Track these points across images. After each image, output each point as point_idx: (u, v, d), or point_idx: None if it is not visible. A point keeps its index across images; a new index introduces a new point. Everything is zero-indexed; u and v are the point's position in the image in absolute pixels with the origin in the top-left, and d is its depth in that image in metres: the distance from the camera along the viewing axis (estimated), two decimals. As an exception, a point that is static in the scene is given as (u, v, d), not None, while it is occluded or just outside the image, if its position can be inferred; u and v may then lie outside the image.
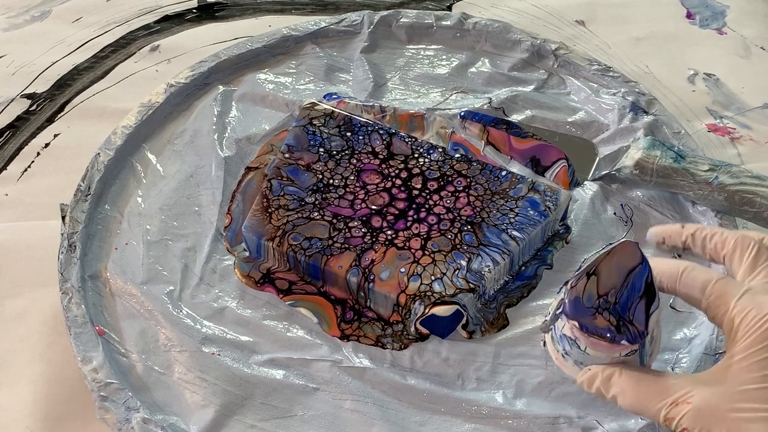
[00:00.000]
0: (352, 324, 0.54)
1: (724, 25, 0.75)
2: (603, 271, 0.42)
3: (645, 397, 0.41)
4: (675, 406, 0.40)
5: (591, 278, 0.42)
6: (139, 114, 0.63)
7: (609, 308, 0.41)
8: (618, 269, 0.41)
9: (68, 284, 0.54)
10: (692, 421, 0.39)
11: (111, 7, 0.76)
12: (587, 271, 0.42)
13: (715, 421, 0.39)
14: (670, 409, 0.40)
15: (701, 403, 0.39)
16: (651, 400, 0.41)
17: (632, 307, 0.41)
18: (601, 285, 0.41)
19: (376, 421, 0.50)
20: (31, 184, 0.63)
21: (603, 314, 0.41)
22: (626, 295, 0.41)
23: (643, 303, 0.41)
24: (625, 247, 0.42)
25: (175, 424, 0.49)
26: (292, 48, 0.70)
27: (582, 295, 0.41)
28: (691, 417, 0.39)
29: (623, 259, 0.42)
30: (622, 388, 0.42)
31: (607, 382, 0.42)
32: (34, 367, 0.53)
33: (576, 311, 0.41)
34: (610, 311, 0.41)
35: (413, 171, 0.58)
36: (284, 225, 0.55)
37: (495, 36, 0.69)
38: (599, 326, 0.41)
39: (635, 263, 0.41)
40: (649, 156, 0.58)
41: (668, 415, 0.40)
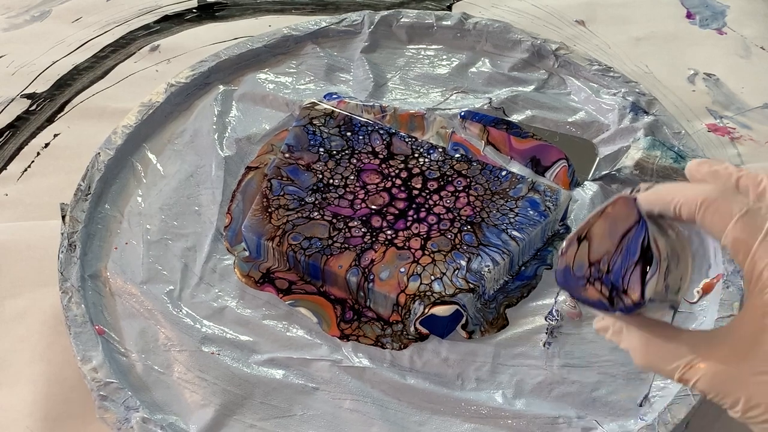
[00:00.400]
0: (352, 324, 0.54)
1: (724, 25, 0.75)
2: (595, 235, 0.38)
3: (656, 357, 0.37)
4: (689, 369, 0.36)
5: (582, 244, 0.38)
6: (139, 114, 0.63)
7: (601, 277, 0.37)
8: (611, 232, 0.38)
9: (68, 284, 0.54)
10: (708, 385, 0.35)
11: (111, 7, 0.76)
12: (578, 235, 0.38)
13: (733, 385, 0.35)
14: (684, 371, 0.36)
15: (718, 366, 0.35)
16: (662, 360, 0.37)
17: (627, 275, 0.37)
18: (593, 251, 0.38)
19: (375, 420, 0.50)
20: (31, 184, 0.63)
21: (594, 284, 0.37)
22: (620, 262, 0.37)
23: (639, 269, 0.37)
24: (620, 204, 0.38)
25: (175, 423, 0.49)
26: (293, 48, 0.70)
27: (572, 264, 0.38)
28: (707, 381, 0.35)
29: (618, 219, 0.38)
30: (632, 346, 0.38)
31: (618, 337, 0.39)
32: (34, 367, 0.53)
33: (566, 282, 0.38)
34: (602, 281, 0.37)
35: (413, 171, 0.58)
36: (284, 225, 0.55)
37: (495, 36, 0.69)
38: (590, 298, 0.38)
39: (630, 224, 0.37)
40: (649, 156, 0.58)
41: (682, 377, 0.36)
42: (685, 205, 0.37)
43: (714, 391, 0.35)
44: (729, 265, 0.54)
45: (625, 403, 0.51)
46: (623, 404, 0.51)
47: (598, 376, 0.52)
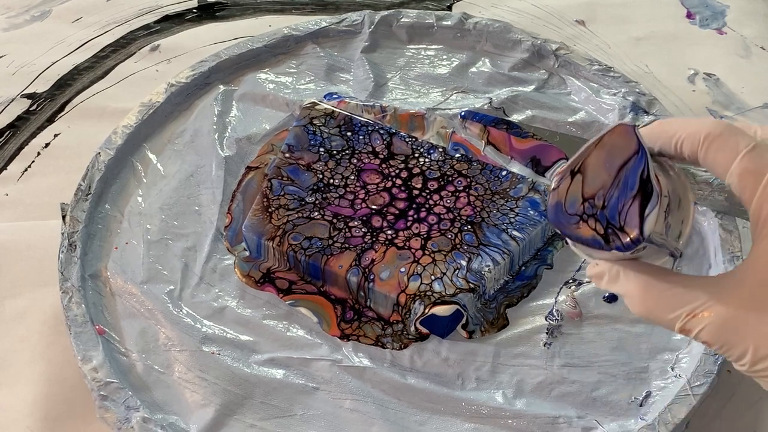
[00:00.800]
0: (352, 324, 0.54)
1: (724, 25, 0.75)
2: (590, 168, 0.35)
3: (655, 305, 0.35)
4: (692, 318, 0.34)
5: (575, 177, 0.35)
6: (139, 113, 0.63)
7: (595, 213, 0.34)
8: (608, 163, 0.35)
9: (68, 283, 0.54)
10: (714, 335, 0.33)
11: (111, 7, 0.76)
12: (572, 168, 0.35)
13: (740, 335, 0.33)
14: (685, 321, 0.34)
15: (724, 314, 0.33)
16: (662, 308, 0.34)
17: (624, 210, 0.34)
18: (587, 185, 0.35)
19: (375, 420, 0.50)
20: (31, 184, 0.63)
21: (588, 221, 0.34)
22: (617, 196, 0.34)
23: (638, 203, 0.34)
24: (618, 132, 0.35)
25: (175, 423, 0.49)
26: (293, 48, 0.70)
27: (564, 200, 0.35)
28: (712, 331, 0.33)
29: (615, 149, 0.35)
30: (629, 292, 0.35)
31: (615, 283, 0.36)
32: (34, 367, 0.53)
33: (557, 219, 0.35)
34: (596, 217, 0.34)
35: (413, 171, 0.58)
36: (284, 224, 0.55)
37: (495, 36, 0.69)
38: (583, 236, 0.35)
39: (629, 154, 0.34)
40: (649, 156, 0.58)
41: (684, 327, 0.34)
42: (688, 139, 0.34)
43: (719, 341, 0.33)
44: (729, 265, 0.54)
45: (626, 403, 0.51)
46: (623, 404, 0.51)
47: (598, 376, 0.52)
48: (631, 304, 0.36)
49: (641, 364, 0.52)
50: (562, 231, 0.35)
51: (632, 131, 0.35)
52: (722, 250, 0.55)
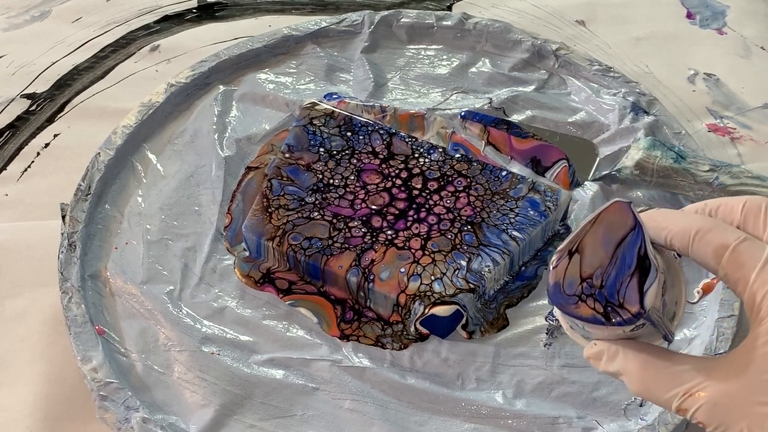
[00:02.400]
0: (352, 324, 0.54)
1: (724, 25, 0.75)
2: (587, 247, 0.35)
3: (653, 384, 0.36)
4: (688, 398, 0.34)
5: (573, 258, 0.36)
6: (139, 114, 0.63)
7: (594, 294, 0.35)
8: (605, 241, 0.35)
9: (68, 284, 0.54)
10: (708, 415, 0.34)
11: (111, 7, 0.76)
12: (569, 249, 0.36)
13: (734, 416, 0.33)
14: (682, 400, 0.35)
15: (718, 395, 0.34)
16: (660, 387, 0.35)
17: (622, 288, 0.35)
18: (585, 265, 0.35)
19: (375, 420, 0.50)
20: (31, 184, 0.63)
21: (587, 301, 0.35)
22: (614, 274, 0.35)
23: (636, 280, 0.34)
24: (615, 210, 0.35)
25: (175, 423, 0.49)
26: (293, 48, 0.70)
27: (563, 281, 0.36)
28: (706, 411, 0.34)
29: (612, 226, 0.35)
30: (627, 370, 0.36)
31: (612, 362, 0.37)
32: (34, 367, 0.53)
33: (557, 299, 0.36)
34: (595, 297, 0.35)
35: (413, 171, 0.58)
36: (284, 225, 0.55)
37: (495, 36, 0.69)
38: (582, 315, 0.35)
39: (625, 231, 0.35)
40: (649, 156, 0.58)
41: (680, 407, 0.35)
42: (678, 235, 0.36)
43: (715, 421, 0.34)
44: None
45: (625, 404, 0.51)
46: (623, 404, 0.51)
47: (598, 376, 0.52)
48: (629, 382, 0.36)
49: (641, 364, 0.52)
50: (561, 311, 0.36)
51: (628, 208, 0.35)
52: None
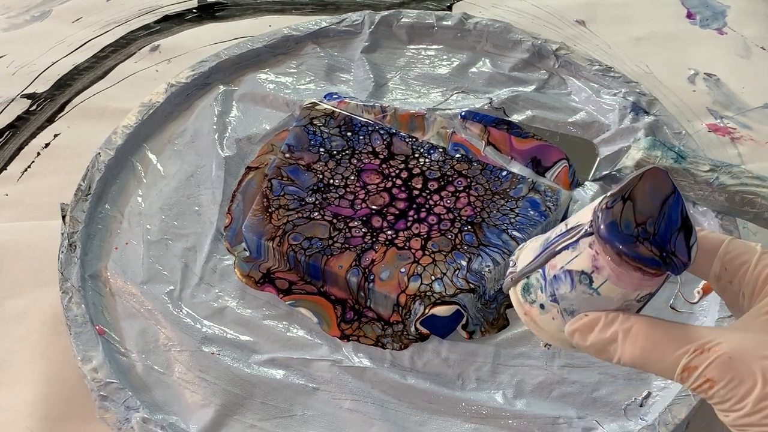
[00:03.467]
0: (352, 324, 0.54)
1: (724, 25, 0.75)
2: (638, 197, 0.36)
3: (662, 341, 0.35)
4: (699, 354, 0.34)
5: (626, 203, 0.36)
6: (139, 114, 0.63)
7: (649, 238, 0.36)
8: (652, 197, 0.36)
9: (68, 284, 0.54)
10: (721, 370, 0.33)
11: (111, 7, 0.76)
12: (621, 195, 0.36)
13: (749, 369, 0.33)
14: (692, 357, 0.34)
15: (733, 350, 0.33)
16: (669, 345, 0.34)
17: (672, 239, 0.36)
18: (638, 212, 0.36)
19: (375, 420, 0.50)
20: (31, 184, 0.63)
21: (644, 244, 0.35)
22: (664, 226, 0.36)
23: (683, 235, 0.36)
24: (656, 173, 0.37)
25: (175, 423, 0.49)
26: (293, 48, 0.70)
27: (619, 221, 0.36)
28: (720, 365, 0.33)
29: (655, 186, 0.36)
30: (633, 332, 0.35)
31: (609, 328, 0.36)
32: (34, 367, 0.53)
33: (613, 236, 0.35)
34: (651, 241, 0.36)
35: (414, 171, 0.58)
36: (284, 225, 0.55)
37: (496, 36, 0.69)
38: (643, 255, 0.35)
39: (668, 192, 0.36)
40: (649, 156, 0.58)
41: (690, 364, 0.34)
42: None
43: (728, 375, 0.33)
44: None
45: (626, 404, 0.51)
46: (624, 404, 0.51)
47: (598, 377, 0.52)
48: (632, 344, 0.35)
49: (641, 364, 0.52)
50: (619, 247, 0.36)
51: (666, 174, 0.37)
52: None
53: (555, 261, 0.38)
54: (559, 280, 0.37)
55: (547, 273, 0.38)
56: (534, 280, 0.38)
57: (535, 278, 0.38)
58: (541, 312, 0.38)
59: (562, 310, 0.38)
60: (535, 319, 0.39)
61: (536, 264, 0.38)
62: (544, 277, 0.38)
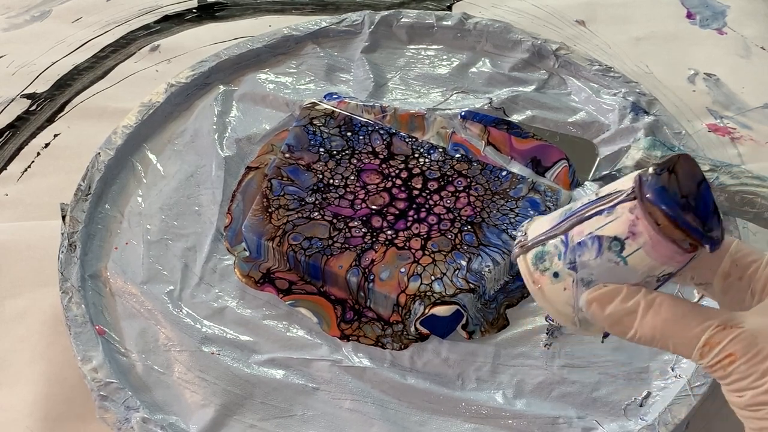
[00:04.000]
0: (352, 324, 0.54)
1: (724, 25, 0.75)
2: (681, 172, 0.36)
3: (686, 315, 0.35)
4: (722, 330, 0.34)
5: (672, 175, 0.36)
6: (139, 114, 0.63)
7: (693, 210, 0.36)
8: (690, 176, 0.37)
9: (68, 284, 0.54)
10: (746, 344, 0.33)
11: (111, 7, 0.76)
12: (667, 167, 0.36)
13: None
14: (716, 331, 0.34)
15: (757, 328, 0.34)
16: (692, 319, 0.34)
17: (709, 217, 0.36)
18: (682, 185, 0.36)
19: (375, 420, 0.50)
20: (31, 184, 0.63)
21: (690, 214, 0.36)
22: (702, 205, 0.36)
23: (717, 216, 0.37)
24: (688, 159, 0.37)
25: (175, 423, 0.49)
26: (293, 48, 0.70)
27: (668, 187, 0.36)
28: (745, 339, 0.33)
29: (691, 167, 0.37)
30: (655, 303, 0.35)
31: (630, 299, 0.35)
32: (34, 367, 0.53)
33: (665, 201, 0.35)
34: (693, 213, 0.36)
35: (413, 171, 0.58)
36: (284, 225, 0.55)
37: (496, 36, 0.69)
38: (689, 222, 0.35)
39: (700, 177, 0.37)
40: (649, 156, 0.58)
41: (712, 339, 0.34)
42: None
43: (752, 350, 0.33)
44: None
45: (626, 404, 0.51)
46: (623, 404, 0.51)
47: (598, 377, 0.52)
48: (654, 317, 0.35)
49: (641, 364, 0.52)
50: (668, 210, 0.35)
51: (696, 163, 0.37)
52: None
53: (583, 227, 0.37)
54: (584, 246, 0.37)
55: (571, 239, 0.37)
56: (551, 246, 0.38)
57: (554, 245, 0.37)
58: (553, 281, 0.37)
59: (579, 280, 0.37)
60: (544, 288, 0.38)
61: (559, 230, 0.38)
62: (565, 243, 0.37)
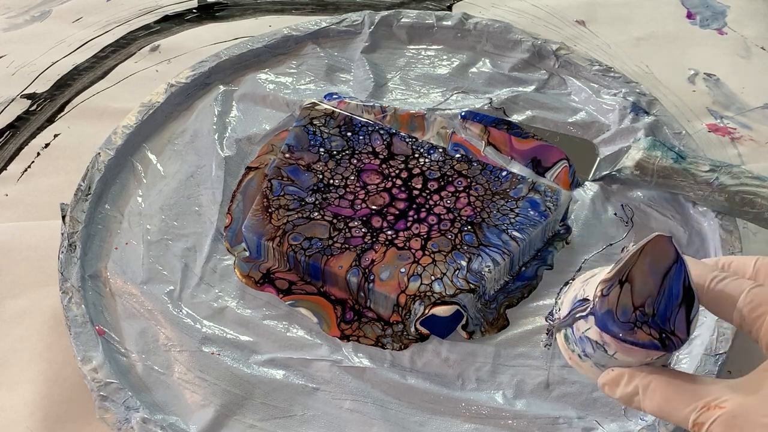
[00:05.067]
0: (352, 324, 0.54)
1: (724, 25, 0.75)
2: (637, 277, 0.37)
3: (674, 398, 0.37)
4: (706, 410, 0.36)
5: (624, 287, 0.38)
6: (139, 114, 0.63)
7: (648, 321, 0.37)
8: (653, 272, 0.37)
9: (68, 284, 0.54)
10: (724, 427, 0.35)
11: (111, 7, 0.76)
12: (619, 278, 0.38)
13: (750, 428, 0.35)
14: (700, 413, 0.36)
15: (736, 408, 0.36)
16: (680, 402, 0.37)
17: (672, 316, 0.37)
18: (636, 294, 0.37)
19: (375, 421, 0.50)
20: (31, 184, 0.63)
21: (642, 328, 0.37)
22: (664, 304, 0.37)
23: (684, 310, 0.37)
24: (658, 243, 0.37)
25: (175, 423, 0.49)
26: (293, 48, 0.70)
27: (616, 309, 0.37)
28: (723, 422, 0.35)
29: (656, 257, 0.37)
30: (649, 389, 0.38)
31: (631, 383, 0.38)
32: (34, 367, 0.53)
33: (612, 326, 0.38)
34: (649, 324, 0.37)
35: (414, 171, 0.58)
36: (284, 225, 0.55)
37: (496, 36, 0.69)
38: (640, 340, 0.37)
39: (670, 263, 0.37)
40: (649, 156, 0.58)
41: (698, 420, 0.36)
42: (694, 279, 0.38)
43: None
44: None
45: (626, 404, 0.51)
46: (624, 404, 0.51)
47: (598, 377, 0.52)
48: (649, 398, 0.38)
49: (641, 364, 0.52)
50: (616, 337, 0.38)
51: (670, 241, 0.37)
52: (722, 250, 0.55)
53: (578, 325, 0.40)
54: (583, 342, 0.40)
55: (573, 333, 0.40)
56: (569, 333, 0.41)
57: (570, 332, 0.41)
58: (582, 360, 0.41)
59: (594, 364, 0.40)
60: (578, 364, 0.41)
61: (566, 323, 0.41)
62: (573, 333, 0.40)
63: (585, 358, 0.41)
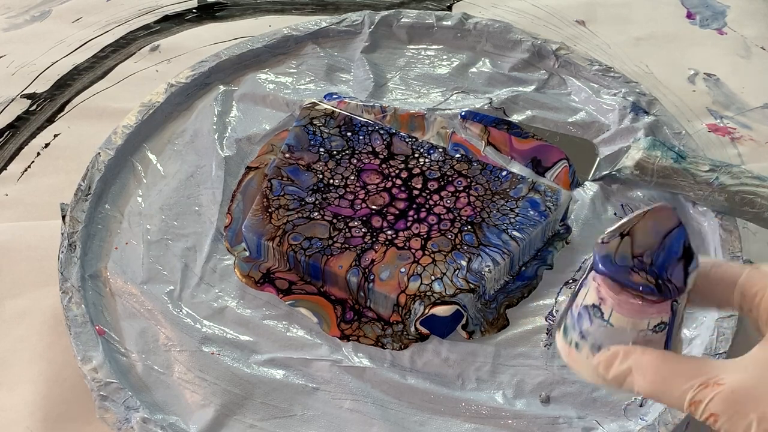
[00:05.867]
0: (352, 324, 0.54)
1: (724, 25, 0.75)
2: (638, 232, 0.38)
3: (669, 376, 0.36)
4: (704, 388, 0.35)
5: (624, 239, 0.38)
6: (139, 114, 0.63)
7: (645, 269, 0.37)
8: (654, 232, 0.38)
9: (68, 284, 0.54)
10: (723, 404, 0.34)
11: (111, 7, 0.76)
12: (620, 232, 0.38)
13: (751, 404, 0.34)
14: (698, 390, 0.35)
15: (735, 385, 0.34)
16: (676, 379, 0.36)
17: (670, 268, 0.37)
18: (636, 246, 0.38)
19: (375, 420, 0.50)
20: (31, 184, 0.63)
21: (639, 273, 0.37)
22: (663, 257, 0.37)
23: (682, 264, 0.37)
24: (661, 210, 0.38)
25: (175, 423, 0.49)
26: (293, 48, 0.70)
27: (614, 254, 0.38)
28: (722, 399, 0.34)
29: (659, 221, 0.38)
30: (644, 366, 0.37)
31: (626, 361, 0.37)
32: (34, 367, 0.53)
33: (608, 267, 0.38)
34: (646, 270, 0.37)
35: (413, 171, 0.58)
36: (284, 225, 0.55)
37: (496, 36, 0.69)
38: (636, 282, 0.37)
39: (672, 226, 0.38)
40: (649, 156, 0.58)
41: (695, 398, 0.35)
42: None
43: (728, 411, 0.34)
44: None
45: (626, 403, 0.51)
46: (623, 404, 0.51)
47: (598, 377, 0.52)
48: (643, 377, 0.37)
49: (641, 364, 0.52)
50: (613, 277, 0.38)
51: (673, 211, 0.38)
52: (722, 250, 0.55)
53: (578, 299, 0.40)
54: (581, 317, 0.39)
55: (574, 312, 0.40)
56: (568, 320, 0.41)
57: (569, 318, 0.41)
58: (577, 351, 0.40)
59: (591, 347, 0.39)
60: (574, 359, 0.41)
61: (567, 306, 0.41)
62: (573, 316, 0.40)
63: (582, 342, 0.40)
